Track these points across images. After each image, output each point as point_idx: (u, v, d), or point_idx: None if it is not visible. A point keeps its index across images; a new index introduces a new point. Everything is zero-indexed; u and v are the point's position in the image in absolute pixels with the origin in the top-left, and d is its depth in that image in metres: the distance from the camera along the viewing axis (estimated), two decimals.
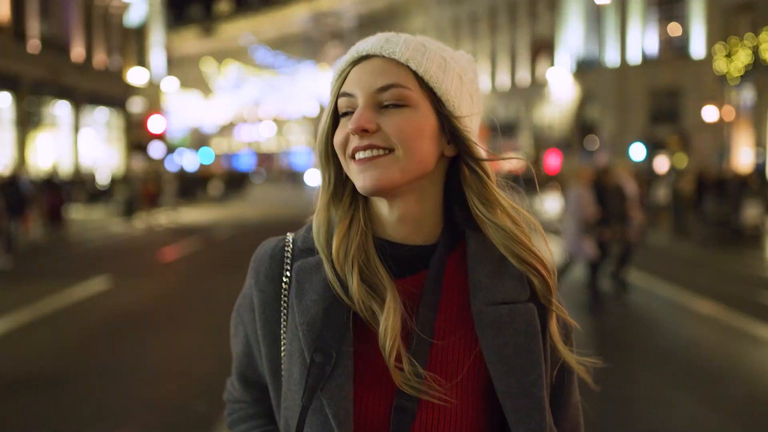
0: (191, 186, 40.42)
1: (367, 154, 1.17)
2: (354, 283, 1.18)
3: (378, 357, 1.17)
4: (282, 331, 1.25)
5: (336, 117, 1.24)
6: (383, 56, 1.20)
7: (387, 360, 1.14)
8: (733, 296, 10.76)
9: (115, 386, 6.56)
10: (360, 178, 1.17)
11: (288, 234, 1.32)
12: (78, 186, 28.33)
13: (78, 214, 25.23)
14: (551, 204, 29.92)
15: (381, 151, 1.16)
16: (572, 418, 1.32)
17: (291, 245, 1.29)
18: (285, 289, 1.25)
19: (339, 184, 1.27)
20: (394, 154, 1.16)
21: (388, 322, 1.15)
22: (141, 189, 26.10)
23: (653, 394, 6.36)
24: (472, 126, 1.25)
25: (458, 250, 1.27)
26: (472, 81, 1.27)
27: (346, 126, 1.21)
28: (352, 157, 1.19)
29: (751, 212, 18.79)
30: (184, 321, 9.31)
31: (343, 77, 1.23)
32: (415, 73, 1.19)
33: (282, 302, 1.25)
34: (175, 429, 5.53)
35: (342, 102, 1.22)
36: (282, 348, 1.25)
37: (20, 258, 15.34)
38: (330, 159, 1.25)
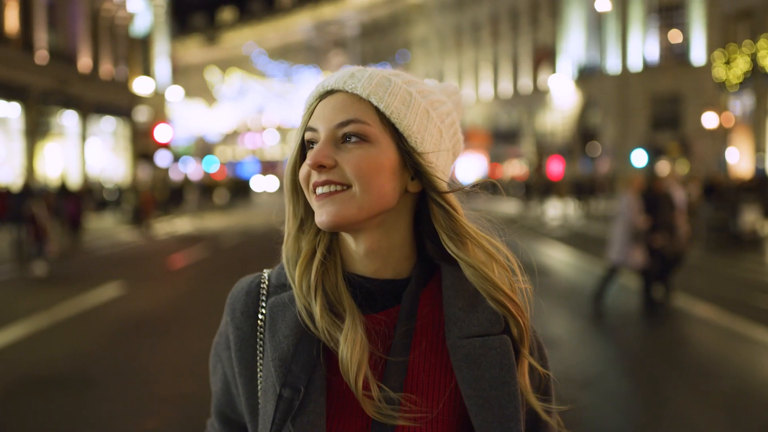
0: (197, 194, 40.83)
1: (325, 189, 1.17)
2: (317, 312, 1.18)
3: (350, 388, 1.17)
4: (258, 368, 1.24)
5: (304, 150, 1.26)
6: (346, 91, 1.21)
7: (353, 388, 1.13)
8: (730, 299, 11.06)
9: (136, 384, 6.92)
10: (318, 213, 1.18)
11: (264, 270, 1.33)
12: (86, 195, 28.74)
13: (87, 222, 25.61)
14: (553, 210, 30.24)
15: (338, 187, 1.17)
16: None
17: (266, 281, 1.29)
18: (261, 326, 1.25)
19: (307, 215, 1.27)
20: (351, 191, 1.17)
21: (348, 349, 1.14)
22: (147, 197, 26.50)
23: (648, 390, 6.71)
24: (438, 162, 1.24)
25: (432, 284, 1.26)
26: (446, 115, 1.28)
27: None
28: (314, 191, 1.20)
29: (749, 217, 19.11)
30: (196, 324, 9.65)
31: (310, 111, 1.25)
32: (376, 109, 1.19)
33: (258, 339, 1.25)
34: (195, 422, 5.86)
35: (307, 136, 1.23)
36: (259, 385, 1.24)
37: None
38: (297, 191, 1.27)
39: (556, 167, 46.34)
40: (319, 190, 1.18)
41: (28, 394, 6.56)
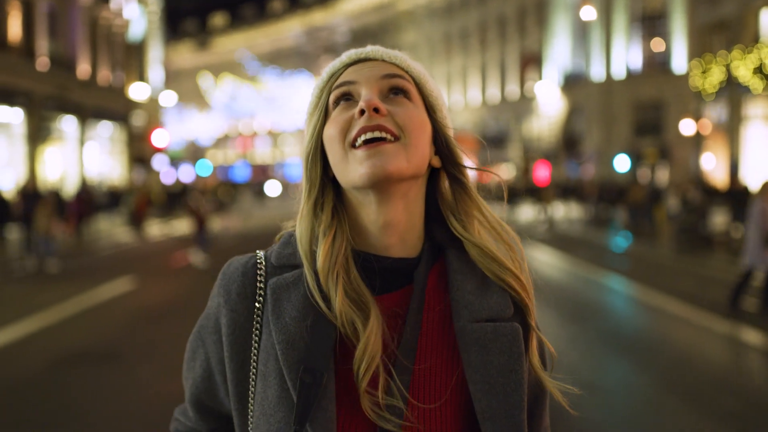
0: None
1: (376, 134, 1.11)
2: (338, 297, 1.11)
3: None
4: (252, 353, 1.17)
5: (327, 114, 1.20)
6: (383, 60, 1.20)
7: (358, 383, 1.09)
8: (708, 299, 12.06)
9: (159, 357, 8.01)
10: (365, 165, 1.10)
11: (258, 251, 1.25)
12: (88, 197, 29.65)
13: (88, 223, 26.52)
14: (538, 213, 31.25)
15: (388, 136, 1.11)
16: None
17: (264, 262, 1.22)
18: (258, 308, 1.17)
19: (321, 189, 1.20)
20: (401, 142, 1.12)
21: (369, 344, 1.09)
22: (141, 199, 27.28)
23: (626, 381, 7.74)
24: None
25: (437, 265, 1.22)
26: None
27: (343, 113, 1.16)
28: (353, 144, 1.13)
29: (718, 219, 20.29)
30: None
31: (336, 76, 1.21)
32: (413, 81, 1.19)
33: (254, 321, 1.17)
34: None
35: (339, 91, 1.18)
36: (252, 370, 1.17)
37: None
38: (318, 159, 1.20)
39: (542, 172, 47.35)
40: (368, 136, 1.11)
41: (69, 367, 7.61)
